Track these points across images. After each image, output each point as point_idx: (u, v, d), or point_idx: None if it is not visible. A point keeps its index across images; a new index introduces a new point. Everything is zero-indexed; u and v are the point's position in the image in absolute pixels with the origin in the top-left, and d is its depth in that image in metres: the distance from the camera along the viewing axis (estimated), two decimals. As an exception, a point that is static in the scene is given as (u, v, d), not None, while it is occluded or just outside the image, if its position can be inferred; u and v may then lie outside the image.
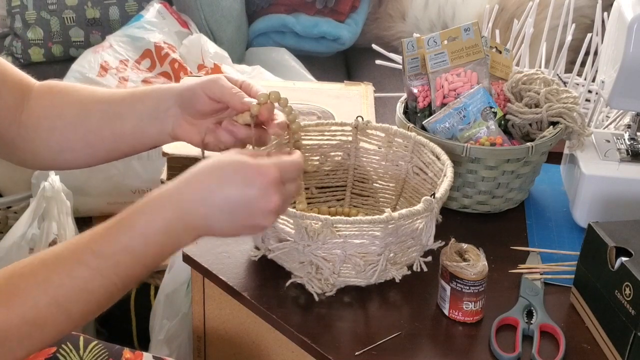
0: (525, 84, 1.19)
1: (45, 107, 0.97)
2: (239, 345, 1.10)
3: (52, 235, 1.58)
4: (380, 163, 1.15)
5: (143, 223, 0.78)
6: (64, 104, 0.98)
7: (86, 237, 0.78)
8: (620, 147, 1.18)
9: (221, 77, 0.92)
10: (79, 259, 0.76)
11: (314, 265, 0.96)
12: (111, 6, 2.18)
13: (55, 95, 0.99)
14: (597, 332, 0.95)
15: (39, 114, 0.97)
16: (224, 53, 1.97)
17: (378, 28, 2.43)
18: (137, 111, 0.95)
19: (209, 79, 0.92)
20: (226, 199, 0.80)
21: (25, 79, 0.99)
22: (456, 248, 0.97)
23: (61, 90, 1.00)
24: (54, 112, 0.97)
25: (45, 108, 0.97)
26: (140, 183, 1.74)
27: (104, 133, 0.96)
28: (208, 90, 0.91)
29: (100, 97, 0.98)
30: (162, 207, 0.79)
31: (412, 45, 1.19)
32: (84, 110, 0.97)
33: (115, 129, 0.96)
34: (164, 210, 0.79)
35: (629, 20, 1.09)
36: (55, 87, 1.00)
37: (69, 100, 0.98)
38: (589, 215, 1.12)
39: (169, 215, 0.79)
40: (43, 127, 0.97)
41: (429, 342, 0.94)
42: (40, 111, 0.97)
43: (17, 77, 0.98)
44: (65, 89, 1.00)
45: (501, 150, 1.11)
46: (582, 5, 2.01)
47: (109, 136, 0.96)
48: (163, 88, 0.96)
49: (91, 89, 1.00)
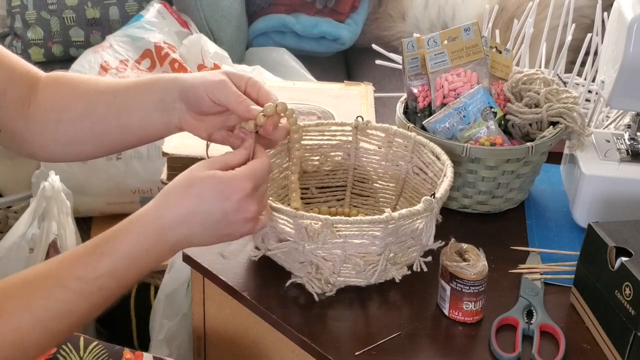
0: (525, 84, 1.19)
1: (51, 100, 0.97)
2: (239, 345, 1.10)
3: (52, 235, 1.58)
4: (380, 163, 1.15)
5: (126, 248, 0.80)
6: (70, 96, 0.97)
7: (69, 259, 0.80)
8: (620, 147, 1.18)
9: (226, 82, 0.90)
10: (62, 283, 0.78)
11: (314, 265, 0.96)
12: (111, 6, 2.18)
13: (61, 87, 0.98)
14: (597, 332, 0.95)
15: (46, 107, 0.97)
16: (224, 53, 1.97)
17: (378, 28, 2.43)
18: (143, 103, 0.94)
19: (214, 83, 0.90)
20: (206, 217, 0.82)
21: (32, 71, 0.98)
22: (456, 248, 0.97)
23: (67, 81, 0.99)
24: (60, 105, 0.97)
25: (51, 101, 0.97)
26: (140, 183, 1.73)
27: (111, 124, 0.96)
28: (212, 95, 0.90)
29: (105, 88, 0.97)
30: (144, 232, 0.81)
31: (412, 45, 1.19)
32: (90, 103, 0.97)
33: (121, 121, 0.95)
34: (145, 236, 0.81)
35: (629, 20, 1.09)
36: (61, 78, 0.99)
37: (74, 93, 0.98)
38: (589, 215, 1.12)
39: (151, 239, 0.81)
40: (50, 120, 0.97)
41: (429, 342, 0.94)
42: (47, 104, 0.97)
43: (24, 70, 0.97)
44: (70, 81, 0.99)
45: (501, 150, 1.11)
46: (582, 5, 2.01)
47: (115, 127, 0.96)
48: (167, 79, 0.95)
49: (95, 80, 0.99)
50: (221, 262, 1.05)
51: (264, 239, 1.00)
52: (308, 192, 1.16)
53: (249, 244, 1.07)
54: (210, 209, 0.82)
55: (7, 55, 0.96)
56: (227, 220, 0.83)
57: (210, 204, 0.82)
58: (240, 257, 1.06)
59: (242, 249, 1.07)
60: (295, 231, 0.93)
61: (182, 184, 0.83)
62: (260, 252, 1.02)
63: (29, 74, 0.98)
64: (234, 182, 0.82)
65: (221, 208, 0.82)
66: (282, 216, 0.93)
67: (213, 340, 1.14)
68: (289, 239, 0.95)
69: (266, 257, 1.02)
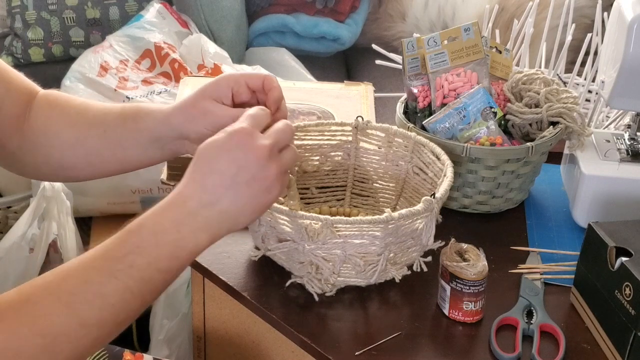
0: (525, 84, 1.19)
1: (43, 123, 0.95)
2: (239, 345, 1.10)
3: (52, 235, 1.58)
4: (380, 163, 1.15)
5: (152, 223, 0.77)
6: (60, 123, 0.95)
7: (99, 247, 0.76)
8: (620, 147, 1.18)
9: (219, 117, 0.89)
10: (91, 265, 0.74)
11: (314, 265, 0.96)
12: (111, 6, 2.18)
13: (52, 111, 0.96)
14: (597, 332, 0.95)
15: (38, 129, 0.95)
16: (224, 53, 1.97)
17: (378, 28, 2.43)
18: (137, 142, 0.93)
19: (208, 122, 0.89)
20: (221, 176, 0.78)
21: (29, 86, 0.97)
22: (456, 248, 0.97)
23: (57, 105, 0.97)
24: (50, 131, 0.95)
25: (42, 125, 0.95)
26: (140, 183, 1.73)
27: (105, 156, 0.94)
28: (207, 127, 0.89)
29: (93, 118, 0.95)
30: (167, 205, 0.78)
31: (412, 45, 1.19)
32: (80, 133, 0.95)
33: (117, 155, 0.94)
34: (168, 208, 0.78)
35: (629, 20, 1.09)
36: (53, 101, 0.97)
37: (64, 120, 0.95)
38: (589, 215, 1.12)
39: (175, 211, 0.77)
40: (41, 144, 0.95)
41: (429, 342, 0.94)
42: (39, 127, 0.95)
43: (21, 85, 0.95)
44: (60, 105, 0.97)
45: (501, 150, 1.11)
46: (582, 5, 2.01)
47: (111, 158, 0.94)
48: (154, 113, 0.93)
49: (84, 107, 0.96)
50: (221, 262, 1.05)
51: (264, 239, 1.00)
52: (308, 192, 1.16)
53: (249, 244, 1.07)
54: (220, 167, 0.78)
55: (5, 69, 0.94)
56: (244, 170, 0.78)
57: (219, 163, 0.78)
58: (240, 257, 1.06)
59: (242, 249, 1.07)
60: (295, 231, 0.93)
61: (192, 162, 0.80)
62: (260, 252, 1.02)
63: (27, 89, 0.96)
64: (233, 130, 0.79)
65: (229, 160, 0.78)
66: (282, 216, 0.93)
67: (213, 340, 1.14)
68: (289, 239, 0.95)
69: (266, 257, 1.02)
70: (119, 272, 0.74)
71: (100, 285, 0.73)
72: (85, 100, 0.99)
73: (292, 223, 0.92)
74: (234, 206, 0.79)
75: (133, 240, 0.75)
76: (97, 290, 0.73)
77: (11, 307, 0.71)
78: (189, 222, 0.77)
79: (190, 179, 0.79)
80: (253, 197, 0.79)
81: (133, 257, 0.74)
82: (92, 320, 0.73)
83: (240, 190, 0.78)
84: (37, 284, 0.74)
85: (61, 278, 0.74)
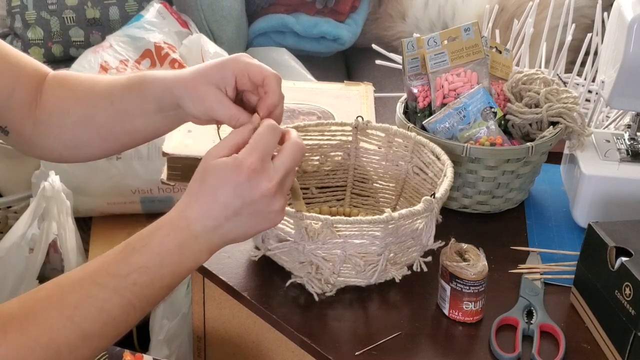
0: (525, 84, 1.19)
1: (53, 104, 0.95)
2: (239, 345, 1.10)
3: (52, 235, 1.58)
4: (380, 163, 1.15)
5: (156, 244, 0.78)
6: (69, 100, 0.96)
7: (99, 261, 0.78)
8: (620, 147, 1.18)
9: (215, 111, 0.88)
10: (94, 280, 0.76)
11: (314, 265, 0.96)
12: (111, 6, 2.18)
13: (62, 89, 0.96)
14: (597, 332, 0.95)
15: (50, 110, 0.95)
16: (224, 53, 1.97)
17: (378, 28, 2.43)
18: (143, 110, 0.93)
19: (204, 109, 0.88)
20: (225, 208, 0.80)
21: (38, 69, 0.96)
22: (456, 248, 0.97)
23: (67, 84, 0.97)
24: (61, 110, 0.95)
25: (53, 105, 0.95)
26: (140, 183, 1.73)
27: (115, 129, 0.94)
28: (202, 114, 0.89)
29: (100, 92, 0.95)
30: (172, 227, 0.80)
31: (412, 45, 1.19)
32: (88, 108, 0.95)
33: (125, 126, 0.94)
34: (173, 231, 0.79)
35: (629, 20, 1.09)
36: (62, 80, 0.97)
37: (73, 97, 0.96)
38: (589, 215, 1.12)
39: (180, 234, 0.79)
40: (54, 124, 0.95)
41: (429, 342, 0.94)
42: (50, 107, 0.95)
43: (31, 70, 0.95)
44: (70, 83, 0.97)
45: (501, 150, 1.11)
46: (582, 5, 2.01)
47: (120, 132, 0.94)
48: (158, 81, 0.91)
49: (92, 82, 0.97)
50: (221, 262, 1.05)
51: (264, 239, 1.00)
52: (308, 192, 1.16)
53: (249, 244, 1.07)
54: (226, 200, 0.79)
55: (15, 54, 0.94)
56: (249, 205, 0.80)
57: (225, 195, 0.79)
58: (240, 257, 1.06)
59: (242, 249, 1.07)
60: (295, 231, 0.93)
61: (196, 180, 0.81)
62: (260, 252, 1.02)
63: (37, 72, 0.96)
64: (238, 165, 0.79)
65: (235, 194, 0.79)
66: (282, 216, 0.93)
67: (213, 340, 1.14)
68: (289, 239, 0.95)
69: (266, 257, 1.02)
70: (122, 289, 0.76)
71: (104, 302, 0.75)
72: (93, 76, 0.99)
73: (292, 223, 0.93)
74: (235, 232, 0.82)
75: (137, 260, 0.77)
76: (101, 305, 0.75)
77: (14, 319, 0.72)
78: (191, 244, 0.80)
79: (194, 200, 0.81)
80: (254, 226, 0.83)
81: (137, 275, 0.77)
82: (94, 332, 0.75)
83: (242, 220, 0.81)
84: (40, 295, 0.75)
85: (64, 291, 0.75)
